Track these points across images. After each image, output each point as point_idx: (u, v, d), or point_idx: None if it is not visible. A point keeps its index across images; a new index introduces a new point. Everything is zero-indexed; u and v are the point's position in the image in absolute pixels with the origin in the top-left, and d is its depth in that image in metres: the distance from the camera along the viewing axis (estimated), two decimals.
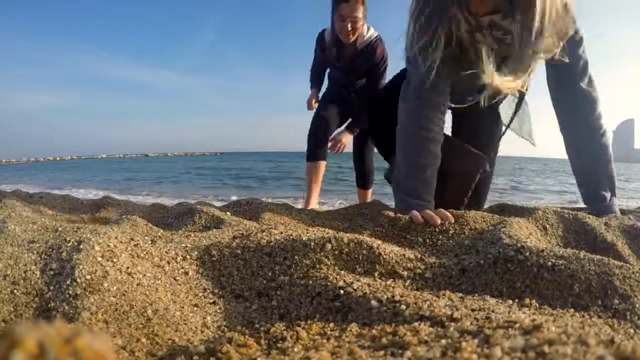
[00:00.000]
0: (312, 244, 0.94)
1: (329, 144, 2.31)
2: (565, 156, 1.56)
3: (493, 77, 1.11)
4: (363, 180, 2.61)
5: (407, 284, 0.87)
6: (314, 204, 2.48)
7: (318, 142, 2.29)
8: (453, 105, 1.40)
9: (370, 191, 2.70)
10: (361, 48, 1.94)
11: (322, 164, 2.32)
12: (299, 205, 2.63)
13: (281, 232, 1.07)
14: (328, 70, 2.42)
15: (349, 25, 1.82)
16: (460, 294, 0.79)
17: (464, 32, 1.06)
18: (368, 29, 1.98)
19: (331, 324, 0.68)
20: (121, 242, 0.92)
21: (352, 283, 0.78)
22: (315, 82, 2.47)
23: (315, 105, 2.44)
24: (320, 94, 2.52)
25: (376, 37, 1.99)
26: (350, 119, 2.33)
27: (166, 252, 0.96)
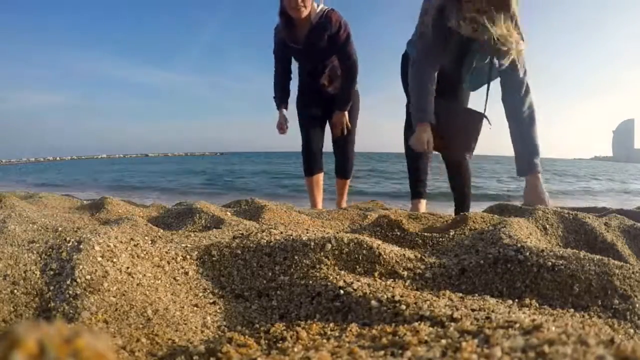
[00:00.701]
0: (312, 244, 0.94)
1: (333, 131, 2.36)
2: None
3: (502, 28, 1.54)
4: (344, 171, 2.60)
5: (407, 284, 0.87)
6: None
7: (310, 159, 2.37)
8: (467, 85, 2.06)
9: (348, 181, 2.71)
10: (315, 21, 1.93)
11: (319, 176, 2.42)
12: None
13: (281, 232, 1.07)
14: (297, 79, 2.37)
15: (294, 2, 1.79)
16: (460, 294, 0.79)
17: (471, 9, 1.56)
18: (318, 5, 1.98)
19: (331, 324, 0.68)
20: (121, 242, 0.92)
21: (352, 283, 0.78)
22: (281, 97, 2.38)
23: (286, 127, 2.43)
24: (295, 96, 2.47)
25: (328, 8, 1.98)
26: (336, 103, 2.32)
27: (166, 252, 0.96)
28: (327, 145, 2.53)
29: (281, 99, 2.38)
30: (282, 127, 2.41)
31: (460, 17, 1.59)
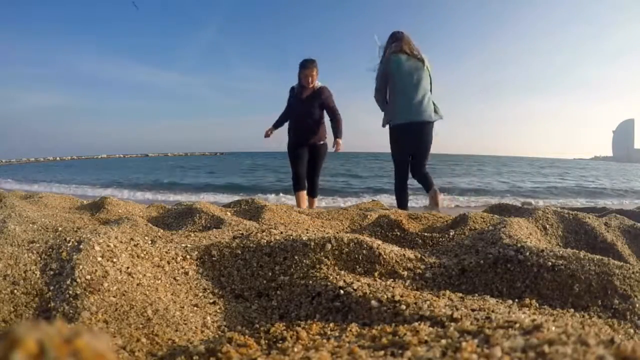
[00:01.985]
0: (312, 244, 0.94)
1: (334, 149, 3.67)
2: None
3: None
4: (312, 193, 3.70)
5: (407, 284, 0.87)
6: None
7: (298, 182, 3.61)
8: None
9: (315, 199, 3.78)
10: (314, 89, 3.57)
11: (304, 192, 3.65)
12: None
13: (281, 232, 1.07)
14: (291, 116, 3.74)
15: (309, 78, 3.48)
16: (460, 294, 0.80)
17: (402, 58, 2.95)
18: (317, 83, 3.61)
19: (331, 324, 0.68)
20: (121, 242, 0.92)
21: (352, 283, 0.78)
22: (278, 123, 3.79)
23: (270, 133, 3.80)
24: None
25: (321, 85, 3.62)
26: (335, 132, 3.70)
27: (166, 252, 0.96)
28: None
29: (277, 124, 3.81)
30: (267, 132, 3.78)
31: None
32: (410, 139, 2.95)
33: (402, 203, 3.10)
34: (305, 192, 3.62)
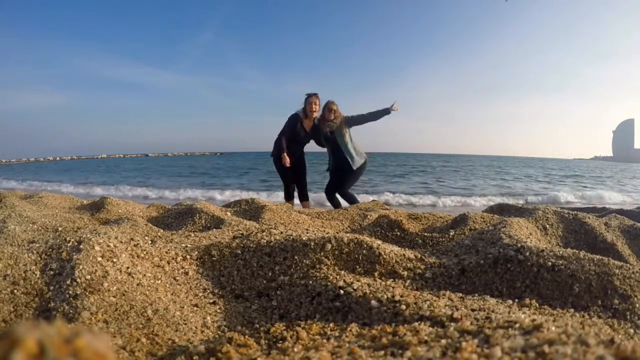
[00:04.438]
0: (312, 244, 0.94)
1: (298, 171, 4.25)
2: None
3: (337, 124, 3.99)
4: (303, 195, 4.18)
5: (407, 284, 0.87)
6: None
7: (288, 194, 4.14)
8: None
9: (308, 202, 4.24)
10: (315, 122, 4.06)
11: (293, 200, 4.20)
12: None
13: (281, 232, 1.07)
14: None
15: (314, 108, 3.94)
16: (460, 294, 0.79)
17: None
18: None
19: (331, 324, 0.68)
20: (121, 242, 0.92)
21: (352, 283, 0.78)
22: (285, 148, 4.12)
23: (290, 162, 4.18)
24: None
25: (318, 117, 4.09)
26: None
27: (166, 252, 0.96)
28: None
29: (285, 149, 4.12)
30: (287, 161, 4.03)
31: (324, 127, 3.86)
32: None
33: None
34: (293, 200, 4.20)
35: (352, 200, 3.98)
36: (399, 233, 1.42)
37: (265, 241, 0.99)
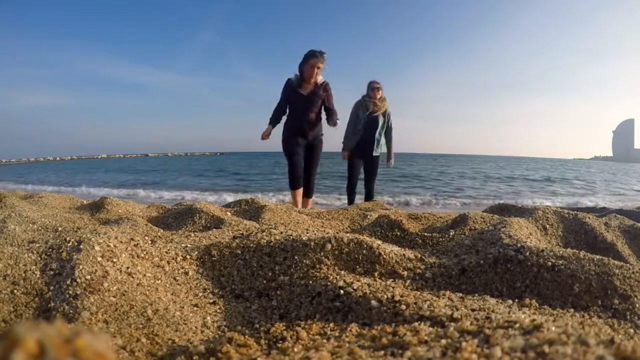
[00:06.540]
0: (312, 244, 0.94)
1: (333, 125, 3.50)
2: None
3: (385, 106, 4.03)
4: (308, 192, 3.61)
5: (407, 284, 0.87)
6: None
7: (295, 179, 3.43)
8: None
9: (311, 199, 3.71)
10: (317, 84, 3.39)
11: (300, 190, 3.51)
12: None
13: (281, 232, 1.07)
14: (287, 111, 3.55)
15: (314, 70, 3.29)
16: (460, 294, 0.79)
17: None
18: (320, 77, 3.43)
19: (331, 324, 0.68)
20: (121, 242, 0.92)
21: (352, 283, 0.78)
22: (275, 120, 3.58)
23: (268, 135, 3.58)
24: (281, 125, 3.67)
25: (325, 81, 3.44)
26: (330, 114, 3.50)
27: (166, 252, 0.96)
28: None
29: (275, 121, 3.58)
30: (264, 135, 3.55)
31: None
32: None
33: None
34: (301, 189, 3.51)
35: (371, 195, 4.01)
36: (399, 233, 1.42)
37: (265, 241, 0.99)
